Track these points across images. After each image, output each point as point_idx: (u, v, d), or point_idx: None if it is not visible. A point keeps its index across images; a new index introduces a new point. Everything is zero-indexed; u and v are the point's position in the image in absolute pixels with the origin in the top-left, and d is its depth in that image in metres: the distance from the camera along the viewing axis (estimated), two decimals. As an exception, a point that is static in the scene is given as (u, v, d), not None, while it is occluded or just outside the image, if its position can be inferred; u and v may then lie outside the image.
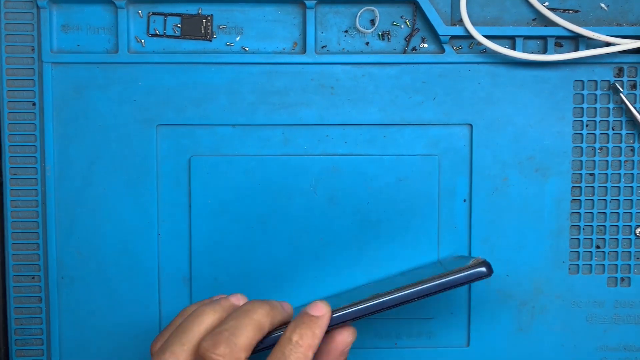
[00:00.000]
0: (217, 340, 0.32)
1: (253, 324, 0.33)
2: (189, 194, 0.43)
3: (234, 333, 0.33)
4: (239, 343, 0.32)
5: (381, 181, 0.43)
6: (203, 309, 0.35)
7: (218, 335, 0.32)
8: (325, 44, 0.43)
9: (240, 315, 0.34)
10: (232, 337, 0.32)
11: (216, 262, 0.43)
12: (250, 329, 0.33)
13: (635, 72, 0.43)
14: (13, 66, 0.42)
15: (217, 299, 0.36)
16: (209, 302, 0.36)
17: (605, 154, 0.43)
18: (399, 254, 0.43)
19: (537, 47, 0.43)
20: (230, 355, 0.32)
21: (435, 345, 0.44)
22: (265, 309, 0.34)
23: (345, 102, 0.43)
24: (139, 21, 0.43)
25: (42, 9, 0.42)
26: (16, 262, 0.43)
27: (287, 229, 0.43)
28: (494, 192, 0.43)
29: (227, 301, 0.36)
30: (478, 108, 0.43)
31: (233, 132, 0.43)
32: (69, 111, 0.42)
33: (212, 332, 0.33)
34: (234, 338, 0.32)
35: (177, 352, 0.33)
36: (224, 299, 0.36)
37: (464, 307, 0.44)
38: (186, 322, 0.35)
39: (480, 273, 0.35)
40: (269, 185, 0.43)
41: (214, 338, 0.32)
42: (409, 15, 0.43)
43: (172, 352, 0.33)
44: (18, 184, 0.43)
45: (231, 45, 0.43)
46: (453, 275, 0.35)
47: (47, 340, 0.43)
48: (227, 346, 0.32)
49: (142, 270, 0.43)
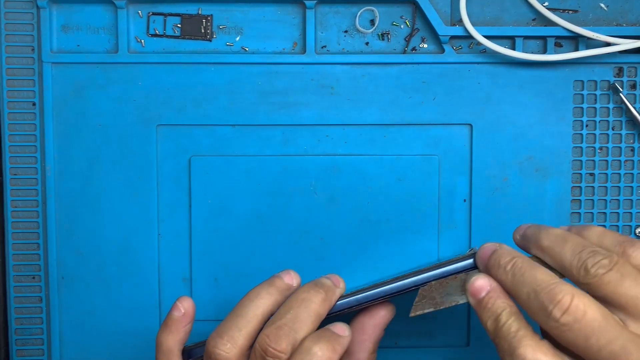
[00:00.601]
0: (279, 335, 0.32)
1: (313, 315, 0.34)
2: (189, 194, 0.43)
3: (294, 328, 0.33)
4: (299, 338, 0.33)
5: (381, 181, 0.43)
6: (258, 292, 0.35)
7: (279, 330, 0.32)
8: (325, 44, 0.43)
9: (299, 306, 0.34)
10: (292, 332, 0.32)
11: (216, 262, 0.43)
12: (310, 321, 0.33)
13: (635, 72, 0.43)
14: (13, 66, 0.42)
15: (271, 280, 0.36)
16: (264, 284, 0.36)
17: (605, 154, 0.43)
18: (399, 254, 0.43)
19: (537, 47, 0.43)
20: (290, 351, 0.32)
21: (435, 345, 0.44)
22: (321, 296, 0.34)
23: (345, 102, 0.43)
24: (138, 21, 0.43)
25: (42, 9, 0.42)
26: (16, 262, 0.43)
27: (287, 229, 0.43)
28: (494, 192, 0.43)
29: (282, 282, 0.36)
30: (478, 108, 0.43)
31: (233, 132, 0.43)
32: (69, 111, 0.42)
33: (272, 325, 0.33)
34: (295, 334, 0.32)
35: (235, 337, 0.33)
36: (277, 280, 0.36)
37: (464, 307, 0.44)
38: (241, 306, 0.34)
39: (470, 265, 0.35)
40: (269, 185, 0.43)
41: (276, 333, 0.32)
42: (409, 15, 0.43)
43: (231, 337, 0.33)
44: (18, 184, 0.43)
45: (231, 45, 0.43)
46: (447, 266, 0.35)
47: (47, 340, 0.43)
48: (289, 343, 0.32)
49: (142, 270, 0.43)
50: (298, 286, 0.36)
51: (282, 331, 0.32)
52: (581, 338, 0.27)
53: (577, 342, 0.28)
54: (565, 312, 0.28)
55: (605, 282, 0.28)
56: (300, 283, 0.36)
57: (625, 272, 0.28)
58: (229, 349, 0.33)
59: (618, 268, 0.28)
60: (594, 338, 0.27)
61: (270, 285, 0.35)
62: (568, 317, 0.28)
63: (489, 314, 0.31)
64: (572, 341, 0.28)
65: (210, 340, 0.34)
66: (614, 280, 0.28)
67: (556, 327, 0.28)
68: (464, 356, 0.44)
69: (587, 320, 0.27)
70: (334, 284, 0.36)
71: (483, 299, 0.32)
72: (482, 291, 0.32)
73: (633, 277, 0.28)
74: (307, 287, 0.35)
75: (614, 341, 0.27)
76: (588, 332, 0.27)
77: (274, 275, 0.36)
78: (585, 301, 0.28)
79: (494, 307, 0.31)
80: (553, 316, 0.28)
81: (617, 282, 0.28)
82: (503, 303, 0.31)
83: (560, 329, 0.28)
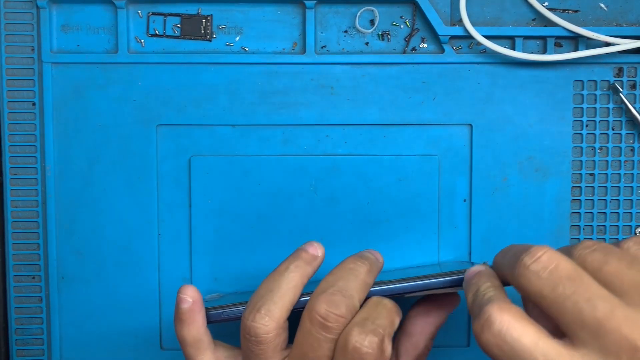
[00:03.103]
0: (335, 301, 0.32)
1: (362, 284, 0.34)
2: (189, 194, 0.43)
3: (349, 295, 0.33)
4: (356, 304, 0.33)
5: (381, 181, 0.43)
6: (287, 266, 0.35)
7: (334, 296, 0.32)
8: (325, 44, 0.43)
9: (348, 275, 0.34)
10: (349, 298, 0.33)
11: (216, 262, 0.43)
12: (360, 290, 0.34)
13: (635, 72, 0.43)
14: (13, 66, 0.42)
15: (297, 253, 0.36)
16: (291, 258, 0.36)
17: (605, 154, 0.43)
18: (399, 253, 0.43)
19: (537, 47, 0.43)
20: (350, 317, 0.32)
21: (435, 345, 0.44)
22: (366, 267, 0.35)
23: (345, 102, 0.43)
24: (138, 21, 0.43)
25: (42, 9, 0.42)
26: (16, 262, 0.43)
27: (287, 229, 0.43)
28: (494, 192, 0.43)
29: (307, 254, 0.36)
30: (478, 108, 0.43)
31: (233, 132, 0.43)
32: (69, 111, 0.42)
33: (325, 292, 0.33)
34: (352, 299, 0.33)
35: (272, 310, 0.33)
36: (303, 252, 0.36)
37: (464, 307, 0.44)
38: (273, 280, 0.35)
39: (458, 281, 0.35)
40: (269, 185, 0.43)
41: (333, 299, 0.32)
42: (409, 15, 0.43)
43: (268, 309, 0.33)
44: (18, 184, 0.43)
45: (231, 46, 0.43)
46: (433, 279, 0.35)
47: (47, 340, 0.43)
48: (347, 308, 0.32)
49: (142, 270, 0.43)
50: (323, 256, 0.36)
51: (337, 297, 0.32)
52: (548, 286, 0.26)
53: (543, 291, 0.26)
54: (536, 260, 0.27)
55: (590, 260, 0.27)
56: (324, 253, 0.36)
57: (611, 251, 0.28)
58: (267, 322, 0.33)
59: (602, 248, 0.28)
60: (561, 287, 0.26)
61: (297, 258, 0.36)
62: (537, 265, 0.27)
63: (472, 288, 0.31)
64: (538, 290, 0.27)
65: (248, 315, 0.34)
66: (599, 258, 0.27)
67: (524, 275, 0.27)
68: (464, 356, 0.44)
69: (559, 270, 0.26)
70: (375, 258, 0.36)
71: (472, 277, 0.32)
72: (474, 272, 0.32)
73: (618, 256, 0.27)
74: (352, 258, 0.35)
75: (582, 292, 0.26)
76: (556, 280, 0.26)
77: (299, 248, 0.36)
78: (558, 255, 0.27)
79: (479, 282, 0.31)
80: (523, 263, 0.27)
81: (601, 259, 0.27)
82: (488, 281, 0.31)
83: (528, 277, 0.27)
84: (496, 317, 0.26)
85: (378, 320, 0.32)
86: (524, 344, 0.25)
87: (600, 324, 0.25)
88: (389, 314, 0.33)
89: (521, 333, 0.26)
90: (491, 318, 0.26)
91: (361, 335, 0.31)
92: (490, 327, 0.26)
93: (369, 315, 0.32)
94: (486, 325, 0.26)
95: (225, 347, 0.38)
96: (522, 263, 0.27)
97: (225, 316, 0.36)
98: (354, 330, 0.31)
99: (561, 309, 0.26)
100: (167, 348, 0.44)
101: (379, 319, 0.32)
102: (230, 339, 0.38)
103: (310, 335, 0.32)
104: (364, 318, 0.32)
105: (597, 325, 0.25)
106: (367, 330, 0.31)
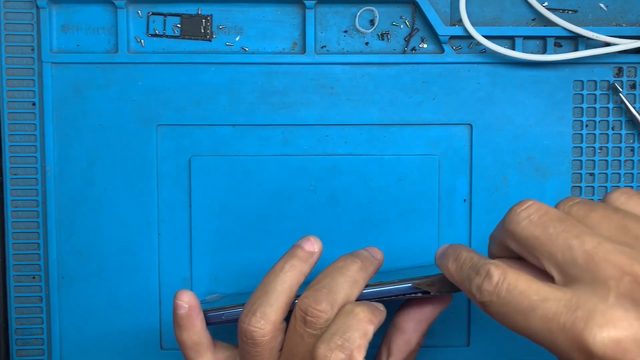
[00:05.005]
0: (318, 296, 0.33)
1: (350, 280, 0.34)
2: (189, 194, 0.43)
3: (332, 290, 0.33)
4: (339, 300, 0.33)
5: (381, 181, 0.43)
6: (282, 266, 0.35)
7: (318, 292, 0.33)
8: (324, 44, 0.43)
9: (334, 273, 0.34)
10: (331, 294, 0.33)
11: (216, 262, 0.43)
12: (347, 285, 0.34)
13: (635, 72, 0.43)
14: (13, 66, 0.42)
15: (292, 250, 0.36)
16: (286, 256, 0.36)
17: (605, 154, 0.43)
18: (399, 253, 0.43)
19: (537, 47, 0.43)
20: (331, 312, 0.33)
21: (435, 345, 0.44)
22: (357, 264, 0.35)
23: (345, 102, 0.43)
24: (138, 21, 0.43)
25: (42, 9, 0.42)
26: (16, 262, 0.43)
27: (287, 229, 0.43)
28: (494, 192, 0.43)
29: (303, 251, 0.36)
30: (478, 108, 0.43)
31: (233, 132, 0.43)
32: (69, 111, 0.42)
33: (311, 289, 0.33)
34: (334, 295, 0.33)
35: (267, 312, 0.34)
36: (299, 250, 0.36)
37: (464, 307, 0.44)
38: (268, 282, 0.35)
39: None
40: (269, 185, 0.43)
41: (315, 295, 0.33)
42: (409, 15, 0.43)
43: (263, 313, 0.34)
44: (18, 184, 0.43)
45: (231, 46, 0.43)
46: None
47: (47, 340, 0.43)
48: (329, 303, 0.33)
49: (142, 270, 0.43)
50: (320, 251, 0.36)
51: (320, 293, 0.33)
52: (540, 228, 0.28)
53: (535, 232, 0.28)
54: (527, 207, 0.29)
55: (575, 209, 0.29)
56: (322, 247, 0.37)
57: (595, 202, 0.29)
58: (263, 325, 0.34)
59: (586, 201, 0.29)
60: (552, 227, 0.28)
61: (292, 256, 0.36)
62: (529, 210, 0.29)
63: (450, 257, 0.32)
64: (530, 233, 0.28)
65: (244, 318, 0.34)
66: (584, 207, 0.29)
67: (516, 221, 0.29)
68: (464, 356, 0.44)
69: (549, 213, 0.28)
70: (371, 255, 0.36)
71: (446, 249, 0.33)
72: (444, 246, 0.34)
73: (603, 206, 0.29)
74: (344, 257, 0.36)
75: (571, 230, 0.27)
76: (547, 222, 0.28)
77: (295, 245, 0.37)
78: (546, 205, 0.29)
79: (455, 251, 0.32)
80: (515, 211, 0.29)
81: (587, 208, 0.29)
82: (463, 249, 0.32)
83: (520, 223, 0.29)
84: (494, 271, 0.28)
85: (347, 333, 0.32)
86: (518, 286, 0.27)
87: (589, 256, 0.26)
88: (359, 325, 0.32)
89: (517, 278, 0.28)
90: (490, 272, 0.28)
91: (327, 352, 0.31)
92: (490, 279, 0.28)
93: (339, 328, 0.32)
94: (487, 279, 0.28)
95: (225, 347, 0.38)
96: (513, 212, 0.29)
97: (226, 318, 0.36)
98: (321, 346, 0.31)
99: (552, 247, 0.27)
100: (167, 348, 0.44)
101: (348, 332, 0.32)
102: (231, 337, 0.38)
103: (295, 331, 0.33)
104: (332, 333, 0.32)
105: (587, 257, 0.26)
106: (332, 346, 0.31)
